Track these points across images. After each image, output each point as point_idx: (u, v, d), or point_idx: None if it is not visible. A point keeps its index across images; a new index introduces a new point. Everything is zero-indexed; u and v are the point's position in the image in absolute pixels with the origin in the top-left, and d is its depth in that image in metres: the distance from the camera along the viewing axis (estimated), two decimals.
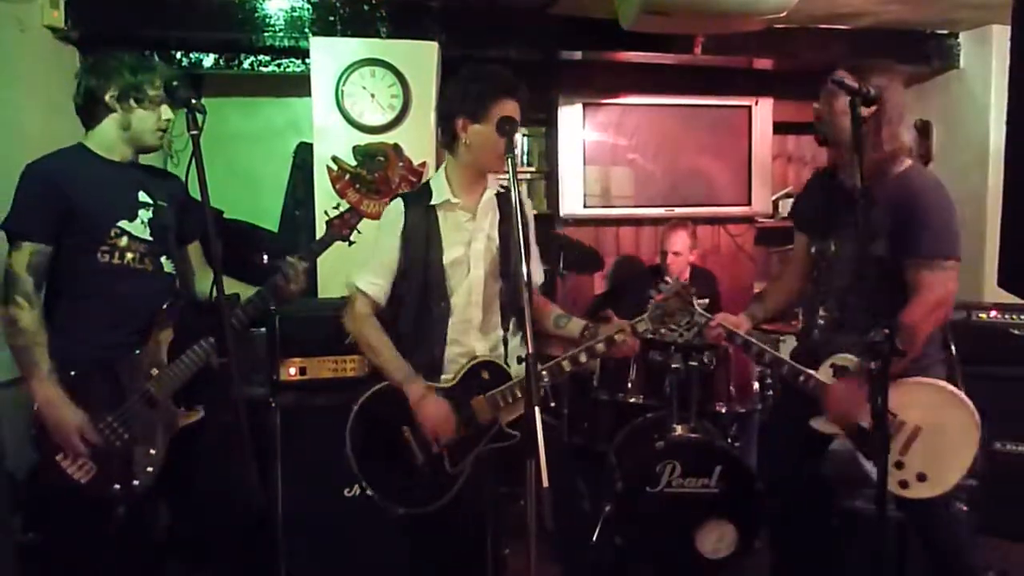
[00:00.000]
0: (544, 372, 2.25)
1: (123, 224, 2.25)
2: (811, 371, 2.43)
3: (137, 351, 2.26)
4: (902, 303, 2.31)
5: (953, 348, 2.61)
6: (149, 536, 2.40)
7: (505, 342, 2.33)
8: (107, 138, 2.28)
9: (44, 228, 2.17)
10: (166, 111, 2.30)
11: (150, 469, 2.23)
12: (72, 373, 2.18)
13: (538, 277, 2.51)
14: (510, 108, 2.22)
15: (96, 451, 2.16)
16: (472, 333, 2.33)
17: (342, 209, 2.60)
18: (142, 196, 2.32)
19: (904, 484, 2.31)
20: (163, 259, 2.35)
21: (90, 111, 2.28)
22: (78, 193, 2.20)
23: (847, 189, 2.46)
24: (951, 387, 2.36)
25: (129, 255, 2.26)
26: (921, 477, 2.31)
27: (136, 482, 2.21)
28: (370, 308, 2.36)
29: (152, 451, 2.24)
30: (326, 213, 2.60)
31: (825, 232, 2.54)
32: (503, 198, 2.37)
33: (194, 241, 2.53)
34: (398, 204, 2.37)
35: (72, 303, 2.24)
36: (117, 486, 2.19)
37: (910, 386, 2.31)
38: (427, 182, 2.41)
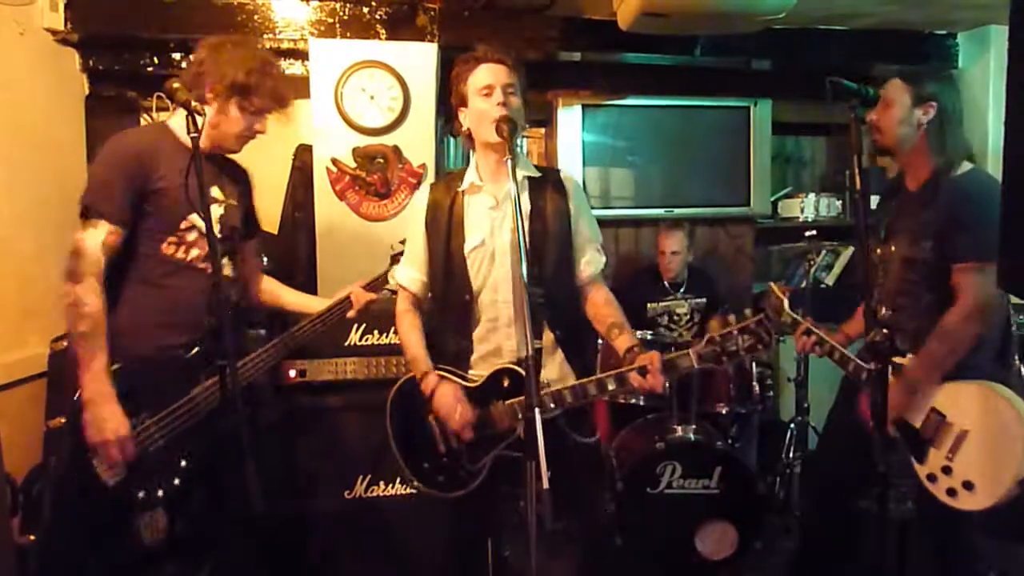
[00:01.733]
0: (567, 393, 2.18)
1: (194, 218, 2.16)
2: (867, 366, 2.35)
3: (188, 355, 2.17)
4: (948, 306, 2.28)
5: (1018, 360, 2.52)
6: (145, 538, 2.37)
7: (538, 351, 2.05)
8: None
9: (123, 209, 2.09)
10: (260, 123, 2.25)
11: (177, 481, 2.14)
12: (115, 367, 2.06)
13: (593, 267, 2.36)
14: (482, 74, 2.20)
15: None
16: (501, 331, 2.26)
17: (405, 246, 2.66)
18: (214, 191, 2.24)
19: (952, 492, 2.22)
20: (225, 260, 2.24)
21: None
22: (159, 177, 2.12)
23: (908, 193, 2.48)
24: (1005, 390, 2.24)
25: (195, 251, 2.19)
26: (967, 485, 2.20)
27: (161, 492, 2.11)
28: (408, 302, 2.38)
29: (183, 462, 2.15)
30: (392, 247, 2.65)
31: (888, 236, 2.53)
32: (536, 185, 2.30)
33: (252, 240, 2.50)
34: (424, 190, 2.39)
35: (127, 291, 2.15)
36: (142, 493, 2.09)
37: (961, 387, 2.26)
38: (463, 170, 2.36)
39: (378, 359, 3.01)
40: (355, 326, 3.00)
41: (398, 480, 2.98)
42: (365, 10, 3.67)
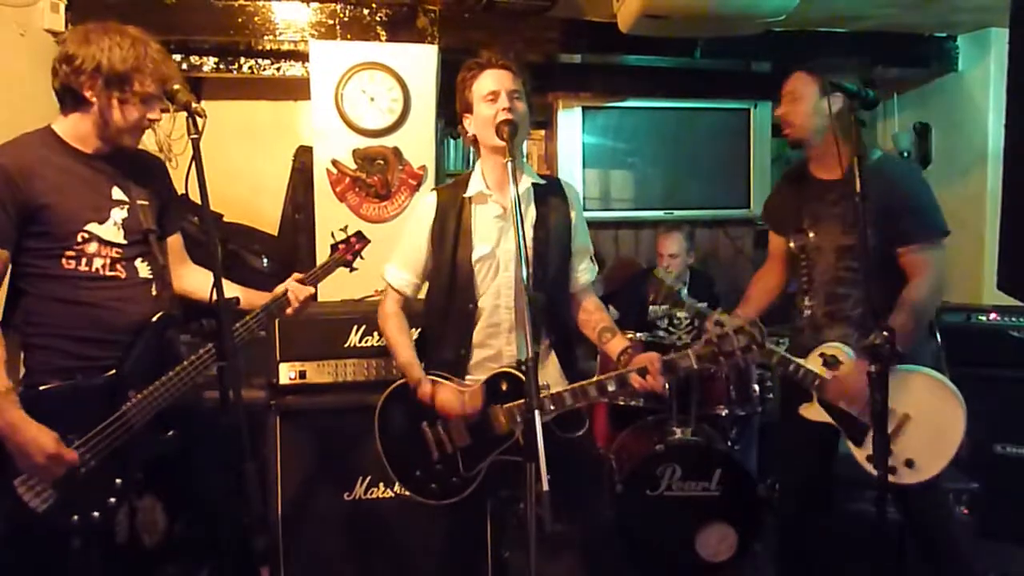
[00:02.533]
0: (567, 395, 2.17)
1: (92, 228, 2.01)
2: (801, 361, 2.47)
3: (113, 371, 2.03)
4: (892, 290, 2.36)
5: (938, 336, 2.69)
6: (144, 540, 2.35)
7: (536, 355, 2.04)
8: (80, 127, 2.03)
9: (2, 231, 1.93)
10: (152, 112, 2.04)
11: (112, 500, 2.00)
12: (40, 389, 1.96)
13: (588, 276, 2.39)
14: (487, 80, 2.20)
15: (58, 478, 1.92)
16: (502, 337, 2.26)
17: (348, 233, 2.52)
18: (116, 193, 2.08)
19: (892, 470, 2.30)
20: (138, 262, 2.11)
21: (70, 94, 2.01)
22: (42, 191, 1.95)
23: (823, 182, 2.53)
24: (938, 375, 2.40)
25: (98, 261, 2.03)
26: (909, 463, 2.34)
27: (96, 514, 1.98)
28: (396, 304, 2.36)
29: (118, 480, 2.01)
30: (332, 235, 2.53)
31: (800, 227, 2.59)
32: (540, 193, 2.30)
33: (175, 234, 2.31)
34: (431, 196, 2.35)
35: (35, 312, 2.01)
36: (76, 517, 1.95)
37: (899, 375, 2.31)
38: (468, 175, 2.35)
39: (378, 360, 3.00)
40: (355, 327, 3.00)
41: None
42: (365, 12, 3.68)
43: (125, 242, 2.07)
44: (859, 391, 2.29)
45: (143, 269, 2.13)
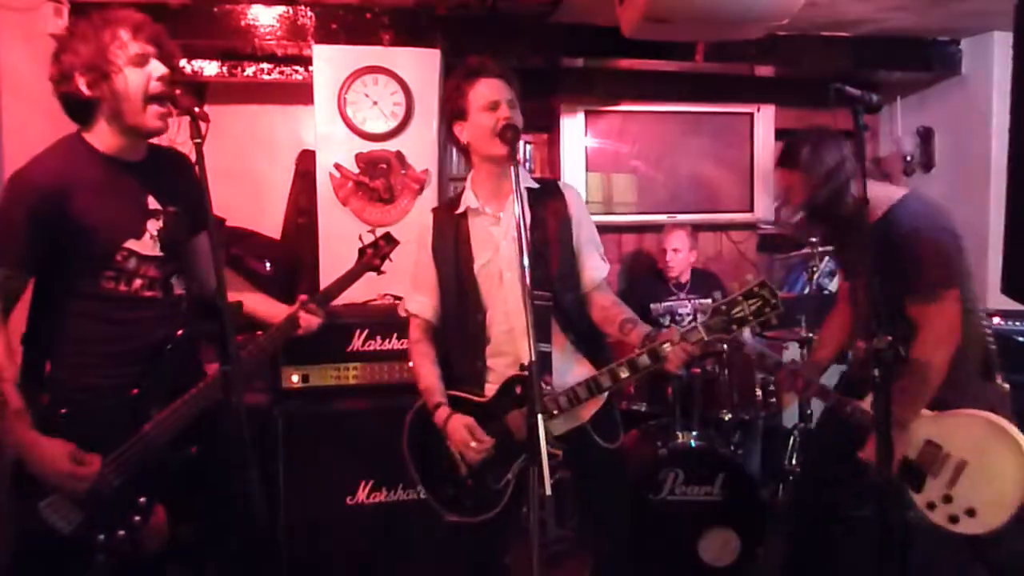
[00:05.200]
0: (580, 389, 2.16)
1: (130, 244, 1.97)
2: (857, 402, 2.41)
3: (135, 390, 2.01)
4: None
5: (1000, 380, 2.51)
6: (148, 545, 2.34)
7: (548, 355, 2.12)
8: (103, 131, 1.95)
9: (22, 254, 1.88)
10: (156, 67, 1.91)
11: (137, 518, 2.00)
12: (63, 412, 1.93)
13: (598, 273, 2.34)
14: (483, 89, 2.20)
15: (83, 498, 1.90)
16: (517, 342, 2.24)
17: (377, 235, 2.44)
18: (151, 202, 2.03)
19: (954, 519, 2.25)
20: (174, 279, 2.09)
21: (76, 103, 1.91)
22: (78, 210, 1.89)
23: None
24: (999, 419, 2.28)
25: (138, 281, 2.00)
26: (971, 512, 2.23)
27: (122, 532, 1.97)
28: (420, 330, 2.37)
29: (142, 499, 2.00)
30: (360, 239, 2.44)
31: (851, 268, 2.56)
32: (535, 196, 2.29)
33: (203, 232, 2.18)
34: (428, 217, 2.38)
35: (66, 329, 1.97)
36: (101, 536, 1.94)
37: (956, 418, 2.28)
38: (461, 192, 2.36)
39: (380, 364, 3.01)
40: (358, 331, 3.00)
41: (401, 486, 2.98)
42: (368, 16, 3.68)
43: (162, 254, 2.04)
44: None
45: (178, 286, 2.10)
